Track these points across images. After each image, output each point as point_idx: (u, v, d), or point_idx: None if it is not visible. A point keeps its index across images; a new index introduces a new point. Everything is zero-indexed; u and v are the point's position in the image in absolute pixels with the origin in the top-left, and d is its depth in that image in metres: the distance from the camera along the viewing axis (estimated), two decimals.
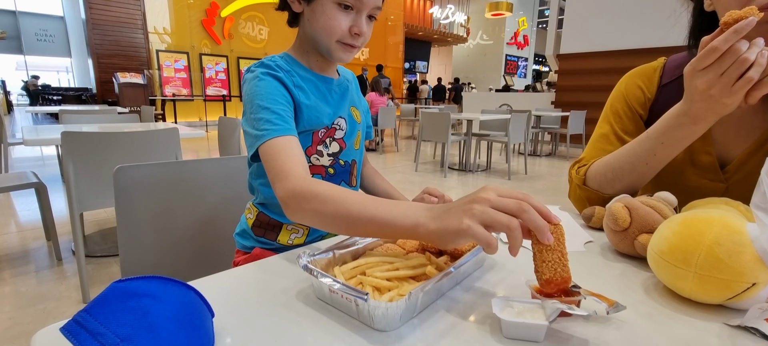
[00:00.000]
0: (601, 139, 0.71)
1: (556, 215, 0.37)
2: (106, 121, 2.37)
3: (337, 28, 0.58)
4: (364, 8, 0.59)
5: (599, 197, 0.65)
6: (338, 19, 0.58)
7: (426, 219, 0.38)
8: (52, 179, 3.47)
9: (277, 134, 0.54)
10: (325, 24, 0.59)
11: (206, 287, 0.44)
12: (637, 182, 0.62)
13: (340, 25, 0.58)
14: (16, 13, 14.07)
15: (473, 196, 0.36)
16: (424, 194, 0.69)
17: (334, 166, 0.69)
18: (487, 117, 4.11)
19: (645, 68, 0.71)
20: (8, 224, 2.35)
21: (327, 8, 0.58)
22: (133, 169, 0.79)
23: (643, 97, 0.69)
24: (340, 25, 0.58)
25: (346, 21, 0.58)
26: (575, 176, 0.68)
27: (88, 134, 1.43)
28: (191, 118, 8.83)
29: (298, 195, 0.47)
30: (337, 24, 0.58)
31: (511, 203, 0.35)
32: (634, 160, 0.60)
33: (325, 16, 0.58)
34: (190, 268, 0.88)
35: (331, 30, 0.59)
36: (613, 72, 6.12)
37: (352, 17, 0.59)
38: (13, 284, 1.63)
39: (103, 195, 1.49)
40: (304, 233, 0.70)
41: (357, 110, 0.73)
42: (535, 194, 3.36)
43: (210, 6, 8.63)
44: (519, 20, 17.59)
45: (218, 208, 0.89)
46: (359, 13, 0.59)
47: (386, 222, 0.40)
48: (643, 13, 5.67)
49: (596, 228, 0.61)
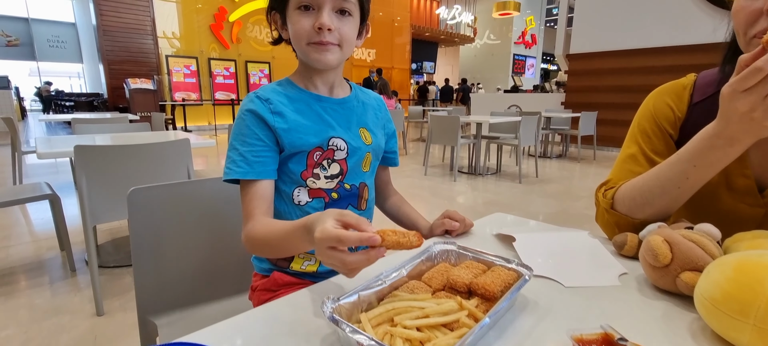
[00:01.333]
0: (628, 160, 0.67)
1: (584, 241, 0.36)
2: (117, 130, 2.39)
3: (302, 31, 0.60)
4: (324, 3, 0.59)
5: (629, 222, 0.62)
6: (301, 21, 0.60)
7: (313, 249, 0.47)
8: (66, 187, 3.51)
9: (234, 176, 0.60)
10: (294, 32, 0.61)
11: (226, 336, 0.42)
12: (669, 206, 0.59)
13: (304, 27, 0.60)
14: (29, 21, 14.35)
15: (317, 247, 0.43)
16: (444, 219, 0.67)
17: (339, 190, 0.67)
18: (496, 120, 4.07)
19: (674, 86, 0.68)
20: (23, 233, 2.38)
21: (292, 17, 0.61)
22: (146, 191, 0.78)
23: (673, 116, 0.66)
24: (303, 27, 0.60)
25: (308, 21, 0.60)
26: (602, 199, 0.65)
27: (100, 148, 1.44)
28: (200, 123, 8.90)
29: (247, 243, 0.60)
30: (300, 27, 0.60)
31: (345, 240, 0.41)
32: (665, 183, 0.57)
33: (292, 25, 0.61)
34: (207, 288, 0.87)
35: (299, 35, 0.61)
36: (625, 72, 6.06)
37: (314, 16, 0.60)
38: (28, 296, 1.64)
39: (116, 208, 1.49)
40: (316, 262, 0.68)
41: (367, 132, 0.70)
42: (548, 198, 3.31)
43: (218, 11, 8.70)
44: (527, 19, 17.43)
45: (235, 226, 0.88)
46: (320, 10, 0.60)
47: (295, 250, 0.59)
48: (655, 11, 5.57)
49: (629, 256, 0.58)
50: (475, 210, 2.99)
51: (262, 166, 0.61)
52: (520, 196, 3.39)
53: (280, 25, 0.65)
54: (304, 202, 0.65)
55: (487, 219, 0.76)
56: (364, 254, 0.42)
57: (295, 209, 0.65)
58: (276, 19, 0.66)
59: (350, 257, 0.42)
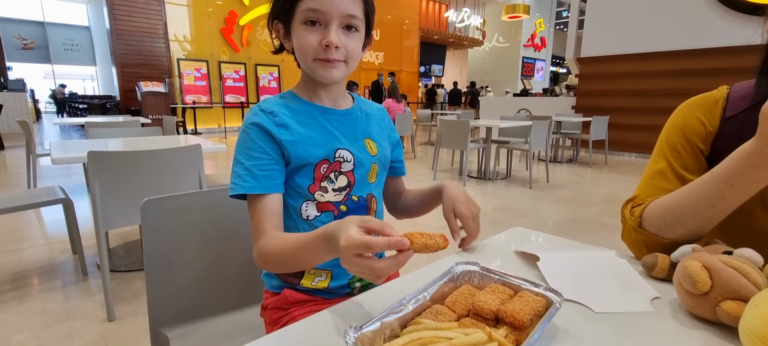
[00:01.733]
0: (657, 176, 0.65)
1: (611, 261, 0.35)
2: (129, 134, 2.41)
3: (308, 47, 0.59)
4: (331, 20, 0.58)
5: (658, 242, 0.59)
6: (307, 37, 0.59)
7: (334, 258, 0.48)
8: (79, 189, 3.56)
9: (241, 191, 0.59)
10: (299, 47, 0.60)
11: None
12: (702, 226, 0.56)
13: (310, 43, 0.59)
14: (45, 24, 14.66)
15: (344, 255, 0.43)
16: (453, 217, 0.66)
17: (347, 202, 0.65)
18: (506, 124, 4.02)
19: (705, 99, 0.65)
20: (37, 236, 2.41)
21: (298, 31, 0.60)
22: (159, 202, 0.77)
23: (704, 131, 0.63)
24: (309, 43, 0.59)
25: (315, 37, 0.59)
26: (630, 217, 0.63)
27: (113, 154, 1.44)
28: (210, 125, 8.99)
29: (260, 259, 0.58)
30: (307, 42, 0.59)
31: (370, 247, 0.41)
32: (699, 203, 0.55)
33: (298, 39, 0.60)
34: (218, 300, 0.86)
35: (304, 50, 0.60)
36: (638, 76, 5.98)
37: (321, 31, 0.58)
38: (41, 300, 1.65)
39: (128, 214, 1.49)
40: (328, 277, 0.67)
41: (373, 143, 0.69)
42: (559, 204, 3.26)
43: (228, 15, 8.79)
44: (536, 22, 17.32)
45: (245, 237, 0.87)
46: (327, 26, 0.58)
47: (314, 261, 0.54)
48: (668, 14, 5.48)
49: (659, 278, 0.55)
50: (485, 215, 2.96)
51: (269, 180, 0.60)
52: (530, 201, 3.34)
53: (283, 34, 0.64)
54: (312, 216, 0.64)
55: (507, 234, 0.74)
56: (393, 258, 0.41)
57: (304, 224, 0.64)
58: (278, 29, 0.64)
59: (379, 264, 0.41)
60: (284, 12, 0.61)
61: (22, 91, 8.35)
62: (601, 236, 2.51)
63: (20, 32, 14.45)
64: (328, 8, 0.57)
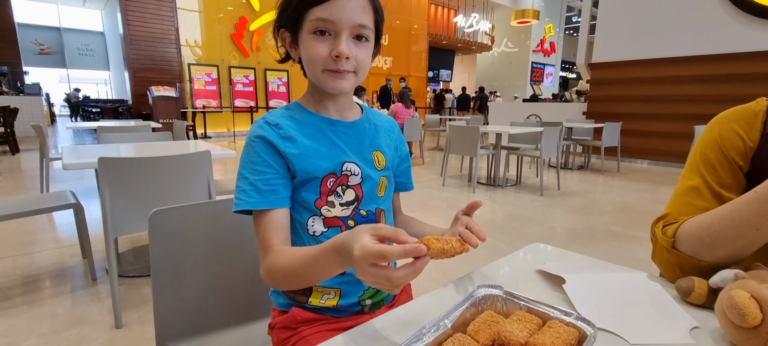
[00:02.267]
0: (690, 193, 0.61)
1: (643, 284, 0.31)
2: (140, 139, 2.42)
3: (317, 57, 0.57)
4: (341, 30, 0.56)
5: (694, 265, 0.55)
6: (317, 47, 0.57)
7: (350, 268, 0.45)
8: (91, 192, 3.60)
9: (245, 207, 0.57)
10: (307, 57, 0.58)
11: None
12: (743, 249, 0.52)
13: (319, 53, 0.57)
14: (61, 30, 15.01)
15: (358, 266, 0.41)
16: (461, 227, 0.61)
17: (355, 217, 0.63)
18: (517, 130, 3.97)
19: (743, 112, 0.61)
20: (48, 239, 2.42)
21: (306, 41, 0.58)
22: (168, 212, 0.75)
23: (743, 146, 0.59)
24: (319, 53, 0.57)
25: (324, 48, 0.56)
26: (661, 236, 0.59)
27: (123, 160, 1.44)
28: (220, 129, 9.07)
29: (267, 276, 0.56)
30: (316, 53, 0.57)
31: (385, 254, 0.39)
32: (740, 224, 0.51)
33: (306, 49, 0.58)
34: (225, 313, 0.83)
35: (313, 61, 0.57)
36: (651, 82, 5.87)
37: (330, 42, 0.56)
38: (51, 305, 1.65)
39: (138, 220, 1.49)
40: (337, 295, 0.64)
41: (381, 155, 0.67)
42: (571, 212, 3.20)
43: (239, 20, 8.88)
44: (545, 27, 17.21)
45: (253, 249, 0.85)
46: (337, 36, 0.56)
47: (325, 275, 0.51)
48: (682, 19, 5.38)
49: (696, 305, 0.51)
50: (495, 224, 2.91)
51: (275, 194, 0.58)
52: (541, 209, 3.28)
53: (289, 43, 0.62)
54: (319, 232, 0.62)
55: (526, 250, 0.70)
56: (411, 266, 0.40)
57: (310, 239, 0.62)
58: (285, 38, 0.62)
59: (396, 273, 0.40)
60: (292, 21, 0.59)
61: (38, 95, 8.53)
62: (616, 247, 2.45)
63: (37, 38, 14.82)
64: (338, 18, 0.55)
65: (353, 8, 0.56)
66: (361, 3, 0.57)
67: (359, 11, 0.56)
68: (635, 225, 2.89)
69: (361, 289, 0.65)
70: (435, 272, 2.02)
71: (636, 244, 2.49)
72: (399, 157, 0.73)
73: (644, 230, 2.78)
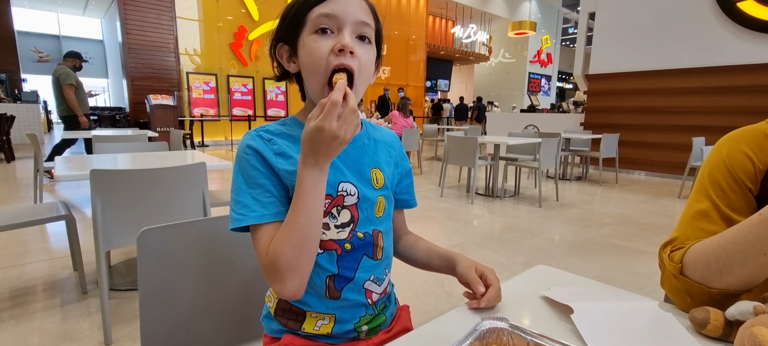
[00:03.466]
0: (699, 217, 0.58)
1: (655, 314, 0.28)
2: (136, 149, 2.39)
3: (319, 56, 0.54)
4: (344, 25, 0.54)
5: (704, 292, 0.53)
6: (319, 45, 0.54)
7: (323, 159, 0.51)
8: (86, 201, 3.55)
9: (249, 222, 0.54)
10: (309, 57, 0.55)
11: None
12: (754, 275, 0.50)
13: (322, 50, 0.54)
14: (60, 38, 15.03)
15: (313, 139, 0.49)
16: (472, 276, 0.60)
17: (352, 240, 0.59)
18: (515, 141, 3.97)
19: (752, 132, 0.59)
20: (40, 251, 2.38)
21: (308, 43, 0.55)
22: (158, 232, 0.73)
23: (753, 169, 0.57)
24: (321, 50, 0.54)
25: (327, 44, 0.54)
26: (668, 262, 0.56)
27: (116, 172, 1.41)
28: (218, 137, 9.04)
29: (271, 264, 0.52)
30: (318, 49, 0.54)
31: None
32: (747, 249, 0.49)
33: (308, 50, 0.55)
34: (215, 334, 0.80)
35: (316, 60, 0.54)
36: (648, 93, 5.92)
37: (333, 38, 0.55)
38: (39, 319, 1.61)
39: (130, 233, 1.46)
40: (331, 321, 0.61)
41: (380, 172, 0.64)
42: (570, 224, 3.18)
43: (238, 30, 8.92)
44: (542, 38, 17.39)
45: (246, 268, 0.82)
46: (340, 32, 0.54)
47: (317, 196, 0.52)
48: (678, 32, 5.44)
49: (712, 338, 0.49)
50: (494, 236, 2.88)
51: (277, 206, 0.55)
52: (540, 221, 3.26)
53: (288, 57, 0.60)
54: None
55: (529, 274, 0.68)
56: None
57: None
58: (282, 53, 0.60)
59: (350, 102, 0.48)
60: (292, 26, 0.57)
61: (35, 102, 8.49)
62: (617, 260, 2.42)
63: (37, 45, 14.83)
64: (341, 12, 0.54)
65: (356, 5, 0.56)
66: (363, 4, 0.57)
67: (361, 10, 0.56)
68: (635, 238, 2.87)
69: (357, 315, 0.62)
70: (433, 285, 1.99)
71: (637, 257, 2.47)
72: (399, 173, 0.70)
73: (644, 242, 2.76)
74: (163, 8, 8.03)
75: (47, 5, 13.63)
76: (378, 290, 0.63)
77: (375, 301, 0.63)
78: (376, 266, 0.62)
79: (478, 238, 2.82)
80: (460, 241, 2.75)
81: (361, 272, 0.60)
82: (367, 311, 0.63)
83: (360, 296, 0.61)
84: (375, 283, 0.62)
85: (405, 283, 1.99)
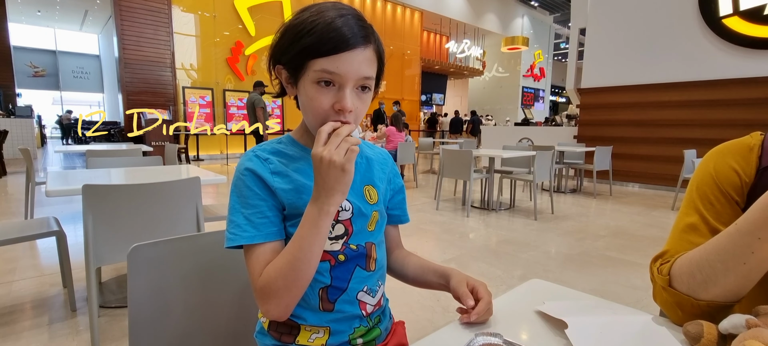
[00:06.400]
0: (688, 230, 0.59)
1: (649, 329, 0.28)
2: (130, 164, 2.38)
3: (319, 109, 0.54)
4: (346, 83, 0.54)
5: (693, 304, 0.53)
6: (319, 98, 0.54)
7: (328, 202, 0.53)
8: (79, 216, 3.51)
9: (242, 242, 0.56)
10: (308, 106, 0.56)
11: None
12: (739, 285, 0.50)
13: (322, 105, 0.54)
14: (56, 53, 15.06)
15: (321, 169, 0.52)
16: (463, 291, 0.60)
17: (346, 251, 0.61)
18: (509, 154, 4.00)
19: (738, 146, 0.60)
20: (29, 267, 2.33)
21: (308, 89, 0.55)
22: (150, 247, 0.72)
23: (739, 182, 0.58)
24: (321, 105, 0.54)
25: (327, 99, 0.54)
26: (658, 275, 0.57)
27: (108, 187, 1.40)
28: (213, 152, 9.02)
29: (263, 292, 0.54)
30: (318, 104, 0.54)
31: None
32: (727, 258, 0.49)
33: (307, 98, 0.55)
34: None
35: (315, 111, 0.55)
36: (639, 106, 6.02)
37: (334, 93, 0.54)
38: (26, 339, 1.56)
39: (122, 250, 1.44)
40: (325, 334, 0.61)
41: (373, 189, 0.65)
42: (566, 236, 3.18)
43: (235, 45, 9.00)
44: (535, 53, 17.71)
45: (240, 285, 0.81)
46: (342, 89, 0.54)
47: (318, 239, 0.54)
48: (667, 47, 5.57)
49: None
50: (490, 249, 2.87)
51: (270, 226, 0.57)
52: (535, 234, 3.26)
53: (286, 79, 0.59)
54: None
55: (525, 288, 0.68)
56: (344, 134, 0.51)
57: None
58: (281, 74, 0.59)
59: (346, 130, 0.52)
60: (293, 65, 0.56)
61: (29, 117, 8.44)
62: (613, 273, 2.42)
63: (32, 60, 14.84)
64: (345, 72, 0.53)
65: (361, 62, 0.54)
66: (368, 55, 0.55)
67: (366, 64, 0.55)
68: (630, 250, 2.87)
69: (351, 327, 0.62)
70: (429, 300, 1.97)
71: (632, 270, 2.47)
72: (392, 190, 0.72)
73: (640, 255, 2.77)
74: (160, 24, 8.10)
75: (45, 21, 13.70)
76: (372, 302, 0.64)
77: (369, 313, 0.63)
78: (369, 278, 0.63)
79: (474, 251, 2.81)
80: (456, 254, 2.74)
81: (353, 283, 0.61)
82: (361, 323, 0.63)
83: (354, 307, 0.61)
84: (368, 294, 0.63)
85: (400, 298, 1.98)
